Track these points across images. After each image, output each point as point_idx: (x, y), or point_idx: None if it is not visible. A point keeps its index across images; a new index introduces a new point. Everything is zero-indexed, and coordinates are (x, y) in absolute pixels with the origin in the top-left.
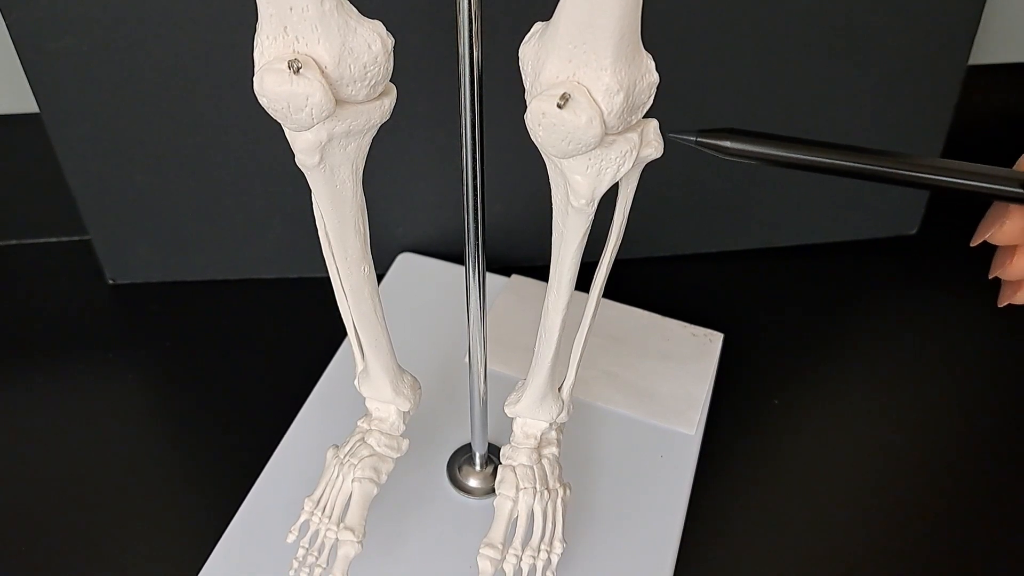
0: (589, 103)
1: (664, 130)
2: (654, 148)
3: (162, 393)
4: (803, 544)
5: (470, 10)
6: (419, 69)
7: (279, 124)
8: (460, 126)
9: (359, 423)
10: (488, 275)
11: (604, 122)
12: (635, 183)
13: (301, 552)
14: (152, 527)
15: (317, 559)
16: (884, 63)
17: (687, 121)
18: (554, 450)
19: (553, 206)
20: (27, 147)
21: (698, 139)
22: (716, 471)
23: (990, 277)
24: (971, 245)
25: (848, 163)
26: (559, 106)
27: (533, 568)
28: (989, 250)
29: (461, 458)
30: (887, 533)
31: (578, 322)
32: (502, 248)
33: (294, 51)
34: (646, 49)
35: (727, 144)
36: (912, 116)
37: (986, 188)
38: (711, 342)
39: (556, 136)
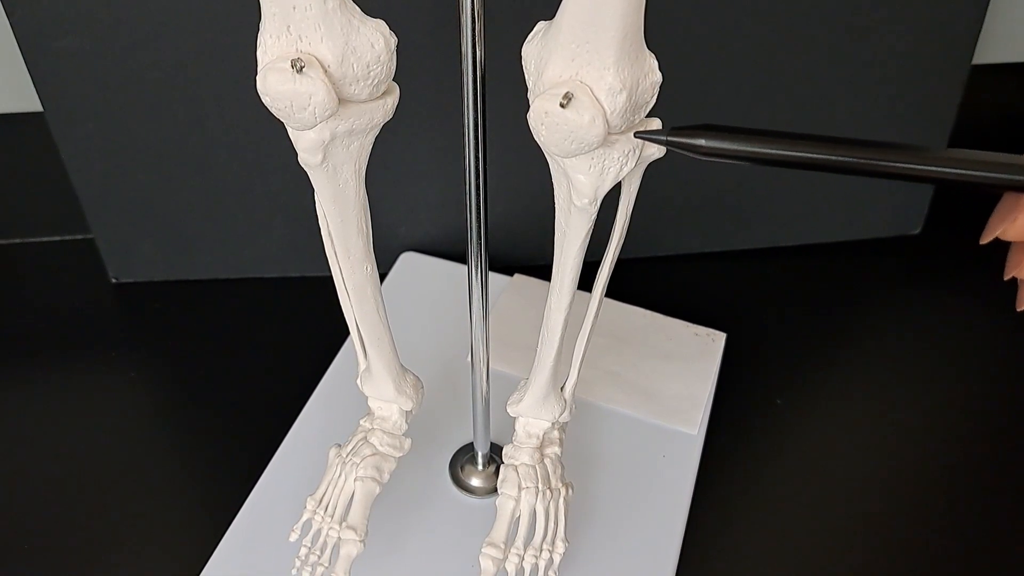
0: (592, 102)
1: (666, 130)
2: (657, 147)
3: (165, 392)
4: (805, 544)
5: (473, 9)
6: (422, 68)
7: (282, 123)
8: (463, 125)
9: (361, 422)
10: (490, 274)
11: (607, 121)
12: (638, 182)
13: (303, 551)
14: (154, 525)
15: (319, 558)
16: (888, 62)
17: (689, 120)
18: (556, 449)
19: (556, 205)
20: (30, 146)
21: (669, 138)
22: (718, 471)
23: (1005, 278)
24: (981, 243)
25: (839, 158)
26: (562, 105)
27: (535, 568)
28: (995, 249)
29: (463, 457)
30: (889, 533)
31: (580, 321)
32: (504, 247)
33: (297, 50)
34: (649, 48)
35: (702, 143)
36: (916, 116)
37: (995, 179)
38: (713, 342)
39: (559, 135)
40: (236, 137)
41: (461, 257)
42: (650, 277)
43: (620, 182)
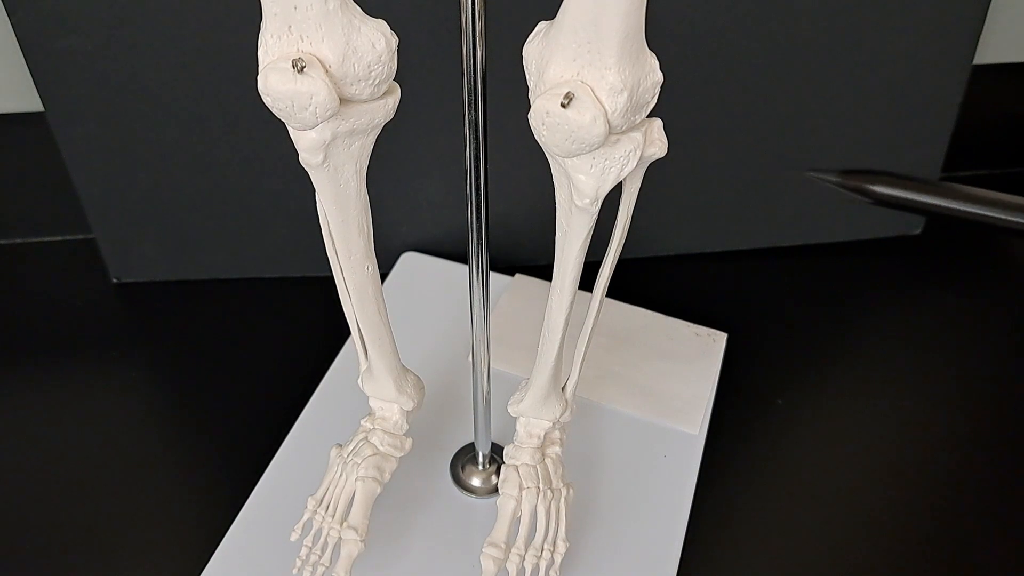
0: (593, 102)
1: (666, 129)
2: (658, 147)
3: (166, 391)
4: (807, 543)
5: (474, 9)
6: (423, 68)
7: (283, 123)
8: (464, 125)
9: (363, 422)
10: (492, 274)
11: (608, 121)
12: (639, 182)
13: (304, 551)
14: (155, 525)
15: (320, 558)
16: (888, 62)
17: (690, 121)
18: (557, 449)
19: (557, 205)
20: (32, 146)
21: (841, 180)
22: (719, 471)
23: None
24: None
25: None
26: (563, 105)
27: (536, 568)
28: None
29: (464, 457)
30: (891, 532)
31: (581, 321)
32: (506, 247)
33: (298, 50)
34: (650, 48)
35: (874, 188)
36: (917, 115)
37: None
38: (715, 342)
39: (560, 135)
40: (237, 137)
41: (462, 257)
42: (651, 277)
43: (621, 182)
